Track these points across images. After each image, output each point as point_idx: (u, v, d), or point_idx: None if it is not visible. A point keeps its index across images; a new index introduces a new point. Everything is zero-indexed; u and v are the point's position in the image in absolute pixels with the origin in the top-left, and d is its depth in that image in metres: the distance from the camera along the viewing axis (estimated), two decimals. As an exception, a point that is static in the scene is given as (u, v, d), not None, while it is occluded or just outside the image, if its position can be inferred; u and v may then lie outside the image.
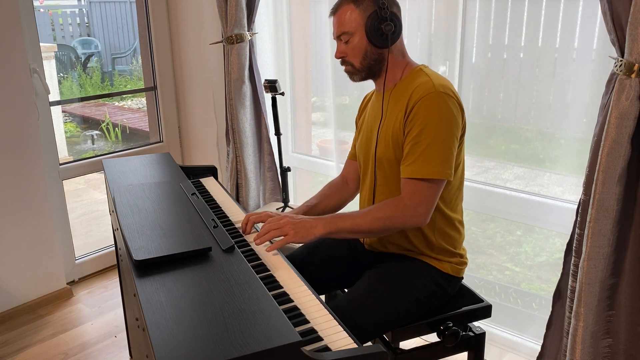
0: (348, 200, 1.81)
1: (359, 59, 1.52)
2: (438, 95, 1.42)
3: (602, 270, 1.51)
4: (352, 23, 1.49)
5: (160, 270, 1.22)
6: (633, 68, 1.35)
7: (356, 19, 1.49)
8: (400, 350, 1.54)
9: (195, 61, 3.00)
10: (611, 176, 1.43)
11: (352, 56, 1.53)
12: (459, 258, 1.61)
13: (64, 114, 5.67)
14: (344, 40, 1.52)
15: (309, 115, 2.92)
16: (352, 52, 1.52)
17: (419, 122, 1.43)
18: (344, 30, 1.50)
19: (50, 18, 6.12)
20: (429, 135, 1.42)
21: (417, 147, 1.43)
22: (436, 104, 1.42)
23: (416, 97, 1.44)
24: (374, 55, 1.52)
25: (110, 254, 3.01)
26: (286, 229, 1.40)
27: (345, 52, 1.53)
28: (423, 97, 1.43)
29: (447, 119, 1.42)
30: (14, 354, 2.30)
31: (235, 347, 0.94)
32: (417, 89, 1.45)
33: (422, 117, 1.42)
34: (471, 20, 2.05)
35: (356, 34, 1.50)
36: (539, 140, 2.07)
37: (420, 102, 1.43)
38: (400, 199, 1.45)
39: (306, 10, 2.72)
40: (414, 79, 1.51)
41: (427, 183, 1.42)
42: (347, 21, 1.50)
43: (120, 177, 1.80)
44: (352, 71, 1.56)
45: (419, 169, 1.43)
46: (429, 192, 1.43)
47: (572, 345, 1.57)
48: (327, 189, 1.79)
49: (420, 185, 1.43)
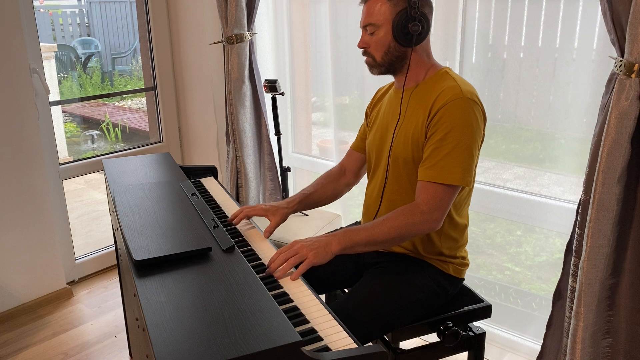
0: (344, 192, 1.79)
1: (381, 53, 1.50)
2: (465, 102, 1.41)
3: (602, 270, 1.51)
4: (380, 16, 1.46)
5: (160, 270, 1.22)
6: (633, 68, 1.35)
7: (385, 13, 1.45)
8: (400, 350, 1.54)
9: (195, 61, 3.00)
10: (611, 176, 1.43)
11: (374, 49, 1.50)
12: (460, 259, 1.61)
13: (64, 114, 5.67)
14: (369, 31, 1.49)
15: (309, 115, 2.92)
16: (375, 45, 1.50)
17: (444, 127, 1.41)
18: (371, 22, 1.48)
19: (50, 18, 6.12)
20: (452, 140, 1.40)
21: (439, 151, 1.41)
22: (462, 110, 1.40)
23: (442, 101, 1.42)
24: (397, 53, 1.49)
25: (110, 254, 3.01)
26: (304, 253, 1.34)
27: (368, 43, 1.51)
28: (450, 101, 1.41)
29: (471, 126, 1.41)
30: (14, 354, 2.30)
31: (236, 347, 0.94)
32: (444, 92, 1.43)
33: (447, 122, 1.40)
34: (471, 20, 2.05)
35: (382, 27, 1.47)
36: (539, 140, 2.07)
37: (447, 107, 1.41)
38: (416, 205, 1.42)
39: (306, 10, 2.71)
40: (439, 81, 1.49)
41: (445, 188, 1.41)
42: (375, 13, 1.46)
43: (120, 177, 1.80)
44: (372, 64, 1.54)
45: (439, 174, 1.41)
46: (445, 197, 1.41)
47: (572, 345, 1.57)
48: (324, 178, 1.78)
49: (438, 189, 1.41)
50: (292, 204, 1.66)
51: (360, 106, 2.56)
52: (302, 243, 1.37)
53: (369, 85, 2.45)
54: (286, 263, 1.33)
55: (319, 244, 1.36)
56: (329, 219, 2.51)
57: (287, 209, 1.64)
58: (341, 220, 2.59)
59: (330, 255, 1.36)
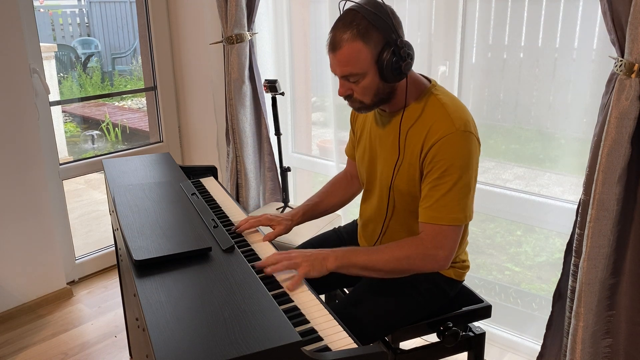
0: (355, 195, 1.77)
1: (370, 97, 1.38)
2: (460, 136, 1.33)
3: (602, 270, 1.51)
4: (362, 64, 1.31)
5: (160, 270, 1.22)
6: (633, 68, 1.35)
7: (366, 59, 1.31)
8: (401, 350, 1.53)
9: (195, 61, 3.00)
10: (611, 176, 1.43)
11: (361, 95, 1.38)
12: (461, 263, 1.60)
13: (64, 114, 5.67)
14: (351, 80, 1.36)
15: (309, 115, 2.92)
16: (362, 91, 1.37)
17: (440, 165, 1.34)
18: (352, 72, 1.33)
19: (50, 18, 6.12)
20: (450, 179, 1.33)
21: (437, 190, 1.35)
22: (458, 146, 1.33)
23: (435, 136, 1.34)
24: (387, 89, 1.39)
25: (110, 254, 3.01)
26: (298, 260, 1.32)
27: (352, 90, 1.38)
28: (443, 137, 1.33)
29: (468, 161, 1.34)
30: (14, 354, 2.30)
31: (235, 347, 0.94)
32: (435, 126, 1.35)
33: (443, 160, 1.33)
34: (471, 20, 2.05)
35: (367, 74, 1.33)
36: (539, 140, 2.07)
37: (441, 143, 1.33)
38: (421, 242, 1.37)
39: (306, 10, 2.71)
40: (428, 108, 1.39)
41: (447, 228, 1.35)
42: (355, 62, 1.31)
43: (120, 177, 1.80)
44: (361, 107, 1.42)
45: (439, 215, 1.35)
46: (450, 236, 1.36)
47: (572, 345, 1.57)
48: (330, 186, 1.76)
49: (441, 230, 1.36)
50: (295, 216, 1.65)
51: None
52: (299, 252, 1.35)
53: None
54: (279, 264, 1.31)
55: (316, 257, 1.33)
56: (329, 219, 2.51)
57: (292, 222, 1.63)
58: (341, 220, 2.59)
59: (325, 271, 1.33)
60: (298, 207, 1.69)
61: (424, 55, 2.18)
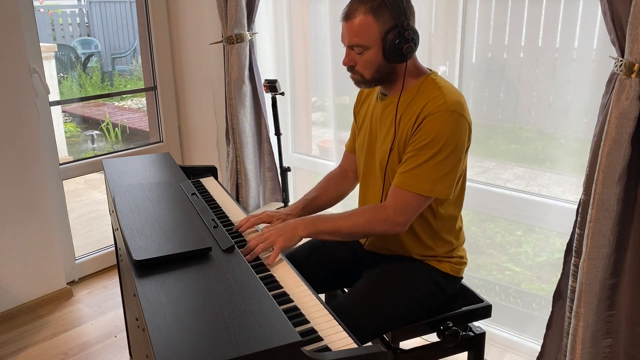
0: (348, 192, 1.80)
1: (371, 72, 1.46)
2: (449, 115, 1.39)
3: (602, 270, 1.51)
4: (369, 37, 1.40)
5: (160, 270, 1.22)
6: (633, 68, 1.35)
7: (374, 33, 1.40)
8: (400, 350, 1.54)
9: (195, 61, 3.00)
10: (611, 176, 1.43)
11: (362, 68, 1.46)
12: (458, 259, 1.61)
13: (64, 114, 5.67)
14: (356, 51, 1.44)
15: (309, 115, 2.92)
16: (364, 64, 1.45)
17: (423, 137, 1.40)
18: (359, 43, 1.42)
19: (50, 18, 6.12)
20: (428, 152, 1.40)
21: (414, 159, 1.42)
22: (444, 123, 1.39)
23: (427, 111, 1.41)
24: (387, 69, 1.46)
25: (110, 254, 3.01)
26: (273, 238, 1.40)
27: (355, 61, 1.46)
28: (433, 113, 1.40)
29: (451, 140, 1.39)
30: (14, 354, 2.30)
31: (235, 347, 0.94)
32: (429, 103, 1.42)
33: (427, 133, 1.40)
34: (471, 20, 2.05)
35: (372, 48, 1.42)
36: (539, 140, 2.07)
37: (430, 118, 1.40)
38: (383, 207, 1.45)
39: (306, 10, 2.71)
40: (425, 90, 1.46)
41: (413, 196, 1.42)
42: (363, 34, 1.40)
43: (120, 177, 1.80)
44: (360, 81, 1.50)
45: (410, 182, 1.42)
46: (412, 204, 1.43)
47: (572, 345, 1.57)
48: (326, 181, 1.78)
49: (407, 196, 1.43)
50: (295, 210, 1.67)
51: (360, 106, 2.56)
52: (271, 229, 1.43)
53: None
54: (257, 248, 1.39)
55: (287, 228, 1.43)
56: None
57: (291, 216, 1.64)
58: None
59: (297, 239, 1.43)
60: (297, 202, 1.71)
61: (424, 55, 2.18)
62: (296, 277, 1.32)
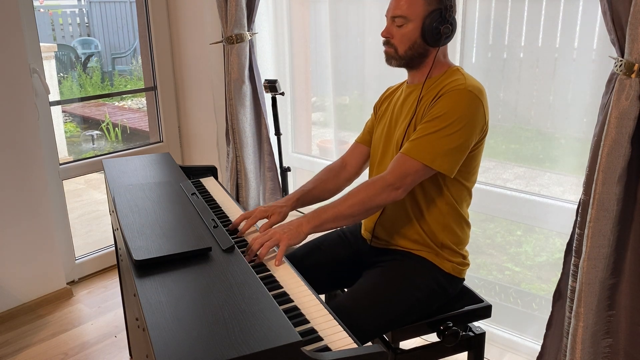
0: (344, 186, 1.79)
1: (405, 47, 1.51)
2: (465, 93, 1.44)
3: (602, 270, 1.51)
4: (412, 10, 1.47)
5: (160, 270, 1.22)
6: (633, 68, 1.35)
7: (418, 9, 1.47)
8: (400, 350, 1.54)
9: (195, 61, 3.00)
10: (611, 176, 1.43)
11: (399, 41, 1.51)
12: (461, 258, 1.61)
13: (64, 114, 5.67)
14: (397, 23, 1.50)
15: (309, 115, 2.92)
16: (400, 38, 1.50)
17: (436, 110, 1.45)
18: (402, 14, 1.48)
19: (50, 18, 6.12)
20: (439, 124, 1.43)
21: (423, 129, 1.46)
22: (459, 99, 1.44)
23: (445, 90, 1.47)
24: (420, 49, 1.51)
25: (110, 254, 3.01)
26: (278, 236, 1.39)
27: (392, 34, 1.51)
28: (451, 90, 1.45)
29: (463, 117, 1.43)
30: (14, 354, 2.30)
31: (235, 347, 0.94)
32: (450, 83, 1.48)
33: (441, 106, 1.45)
34: (471, 20, 2.05)
35: (412, 22, 1.48)
36: (539, 140, 2.07)
37: (446, 94, 1.45)
38: (380, 177, 1.46)
39: (306, 10, 2.71)
40: (449, 77, 1.52)
41: (414, 163, 1.44)
42: (408, 6, 1.47)
43: (120, 177, 1.80)
44: (393, 55, 1.54)
45: (413, 150, 1.45)
46: (411, 171, 1.44)
47: (572, 345, 1.57)
48: (324, 173, 1.77)
49: (407, 162, 1.44)
50: (290, 201, 1.65)
51: (360, 106, 2.56)
52: (277, 228, 1.42)
53: (369, 85, 2.46)
54: (263, 247, 1.38)
55: (291, 226, 1.42)
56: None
57: (286, 207, 1.63)
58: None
59: (303, 235, 1.42)
60: (293, 192, 1.70)
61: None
62: (296, 277, 1.32)
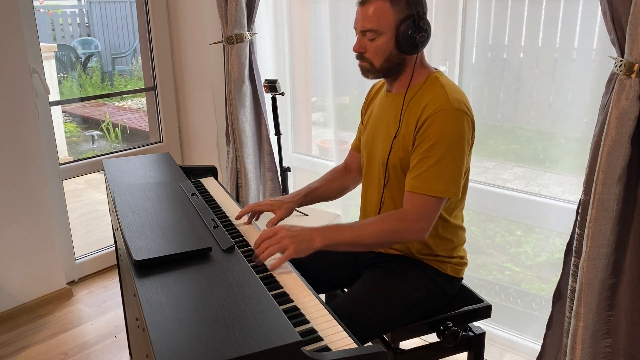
0: (351, 187, 1.80)
1: (381, 60, 1.45)
2: (453, 112, 1.38)
3: (602, 270, 1.51)
4: (383, 23, 1.40)
5: (160, 270, 1.22)
6: (633, 68, 1.35)
7: (389, 20, 1.40)
8: (400, 350, 1.53)
9: (195, 61, 3.00)
10: (611, 176, 1.43)
11: (373, 55, 1.45)
12: (458, 259, 1.61)
13: (64, 114, 5.67)
14: (368, 37, 1.43)
15: (309, 115, 2.92)
16: (374, 51, 1.44)
17: (430, 137, 1.39)
18: (372, 28, 1.41)
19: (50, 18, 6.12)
20: (438, 152, 1.39)
21: (424, 162, 1.41)
22: (449, 121, 1.38)
23: (430, 110, 1.40)
24: (397, 60, 1.46)
25: (110, 254, 3.01)
26: (285, 243, 1.34)
27: (366, 48, 1.45)
28: (437, 112, 1.39)
29: (458, 138, 1.39)
30: (14, 354, 2.30)
31: (235, 347, 0.94)
32: (432, 102, 1.41)
33: (433, 133, 1.39)
34: (471, 20, 2.05)
35: (384, 34, 1.42)
36: (539, 140, 2.07)
37: (434, 117, 1.39)
38: (404, 213, 1.42)
39: (306, 10, 2.71)
40: (429, 88, 1.46)
41: (430, 199, 1.40)
42: (377, 19, 1.40)
43: (120, 177, 1.80)
44: (368, 69, 1.49)
45: (424, 185, 1.40)
46: (431, 207, 1.41)
47: (572, 345, 1.57)
48: (330, 174, 1.79)
49: (424, 200, 1.41)
50: (297, 197, 1.67)
51: (360, 106, 2.56)
52: (286, 231, 1.37)
53: (369, 85, 2.45)
54: (266, 251, 1.34)
55: (302, 238, 1.36)
56: (329, 219, 2.51)
57: (293, 203, 1.65)
58: (341, 220, 2.59)
59: (311, 251, 1.36)
60: (300, 189, 1.71)
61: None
62: (296, 277, 1.32)
